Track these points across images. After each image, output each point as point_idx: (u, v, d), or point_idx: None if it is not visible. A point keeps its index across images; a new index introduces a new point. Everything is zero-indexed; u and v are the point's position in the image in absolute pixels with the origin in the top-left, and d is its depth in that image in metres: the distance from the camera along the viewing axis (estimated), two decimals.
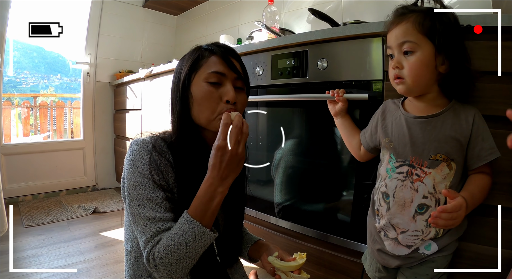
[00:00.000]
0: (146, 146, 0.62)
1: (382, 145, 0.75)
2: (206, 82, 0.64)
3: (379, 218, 0.74)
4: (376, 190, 0.76)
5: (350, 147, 0.88)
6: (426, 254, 0.68)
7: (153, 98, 1.93)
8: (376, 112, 0.79)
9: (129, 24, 2.70)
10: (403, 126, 0.70)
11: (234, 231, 0.75)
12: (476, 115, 0.65)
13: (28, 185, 2.28)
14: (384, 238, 0.73)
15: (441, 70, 0.65)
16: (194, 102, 0.64)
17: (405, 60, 0.65)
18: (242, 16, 2.25)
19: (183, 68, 0.67)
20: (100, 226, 1.82)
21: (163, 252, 0.54)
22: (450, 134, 0.64)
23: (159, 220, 0.58)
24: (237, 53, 0.70)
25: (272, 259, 0.70)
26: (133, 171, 0.61)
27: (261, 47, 1.17)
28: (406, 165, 0.68)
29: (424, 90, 0.67)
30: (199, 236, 0.55)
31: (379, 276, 0.78)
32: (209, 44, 0.68)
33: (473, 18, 0.69)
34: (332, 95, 0.89)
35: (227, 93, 0.63)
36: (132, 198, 0.60)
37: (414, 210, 0.67)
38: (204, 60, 0.65)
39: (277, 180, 1.17)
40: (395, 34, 0.66)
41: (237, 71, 0.66)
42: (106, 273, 1.28)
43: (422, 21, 0.63)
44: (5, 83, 2.33)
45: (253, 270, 1.06)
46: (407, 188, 0.68)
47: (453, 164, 0.65)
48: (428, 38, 0.63)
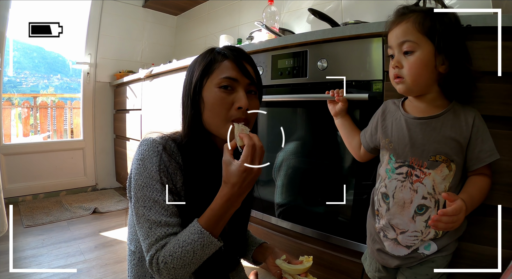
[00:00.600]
0: (156, 146, 0.61)
1: (381, 145, 0.75)
2: (218, 88, 0.62)
3: (379, 218, 0.74)
4: (376, 191, 0.76)
5: (350, 147, 0.88)
6: (426, 254, 0.68)
7: (153, 98, 1.93)
8: (376, 113, 0.79)
9: (129, 24, 2.70)
10: (403, 127, 0.70)
11: (238, 234, 0.75)
12: (476, 116, 0.65)
13: (28, 185, 2.28)
14: (383, 238, 0.73)
15: (441, 70, 0.65)
16: (205, 107, 0.63)
17: (405, 60, 0.65)
18: (242, 16, 2.25)
19: (195, 72, 0.65)
20: (100, 226, 1.82)
21: (169, 258, 0.55)
22: (450, 135, 0.64)
23: (165, 225, 0.58)
24: (251, 57, 0.68)
25: (280, 262, 0.71)
26: (141, 171, 0.60)
27: (261, 47, 1.17)
28: (406, 166, 0.68)
29: (424, 90, 0.67)
30: (207, 245, 0.56)
31: (378, 276, 0.78)
32: (222, 48, 0.66)
33: (473, 18, 0.69)
34: (332, 95, 0.89)
35: (240, 99, 0.62)
36: (138, 199, 0.60)
37: (414, 211, 0.67)
38: (216, 65, 0.64)
39: (278, 182, 1.17)
40: (395, 34, 0.66)
41: (250, 76, 0.64)
42: (106, 273, 1.28)
43: (422, 21, 0.63)
44: (5, 83, 2.33)
45: (254, 271, 1.06)
46: (406, 189, 0.68)
47: (452, 165, 0.65)
48: (428, 38, 0.63)
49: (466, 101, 0.68)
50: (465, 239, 0.71)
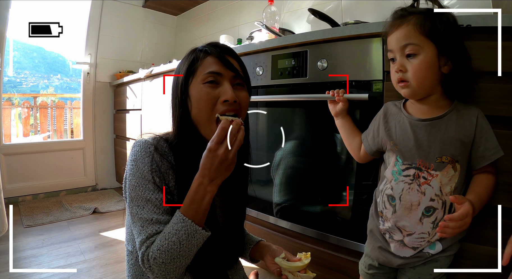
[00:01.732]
0: (148, 147, 0.62)
1: (387, 148, 0.74)
2: (203, 84, 0.63)
3: (383, 220, 0.74)
4: (381, 192, 0.75)
5: (350, 148, 0.87)
6: (431, 254, 0.68)
7: (153, 98, 1.93)
8: (377, 115, 0.79)
9: (129, 24, 2.70)
10: (407, 129, 0.69)
11: (234, 231, 0.75)
12: (479, 115, 0.65)
13: (28, 185, 2.28)
14: (389, 240, 0.73)
15: (444, 70, 0.64)
16: (192, 105, 0.64)
17: (409, 63, 0.65)
18: (242, 16, 2.25)
19: (180, 72, 0.66)
20: (100, 226, 1.82)
21: (157, 252, 0.55)
22: (455, 135, 0.64)
23: (156, 222, 0.59)
24: (234, 51, 0.69)
25: (279, 260, 0.71)
26: (134, 172, 0.61)
27: (261, 47, 1.17)
28: (413, 168, 0.68)
29: (429, 92, 0.67)
30: (192, 234, 0.56)
31: (372, 272, 0.78)
32: (204, 45, 0.67)
33: (473, 18, 0.69)
34: (332, 95, 0.89)
35: (225, 92, 0.62)
36: (132, 199, 0.61)
37: (421, 213, 0.67)
38: (199, 62, 0.64)
39: (276, 181, 1.17)
40: (396, 37, 0.66)
41: (234, 68, 0.65)
42: (106, 273, 1.28)
43: (423, 23, 0.63)
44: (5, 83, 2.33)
45: (254, 271, 1.06)
46: (414, 191, 0.67)
47: (457, 166, 0.65)
48: (430, 40, 0.63)
49: (468, 99, 0.68)
50: (466, 239, 0.70)
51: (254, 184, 1.26)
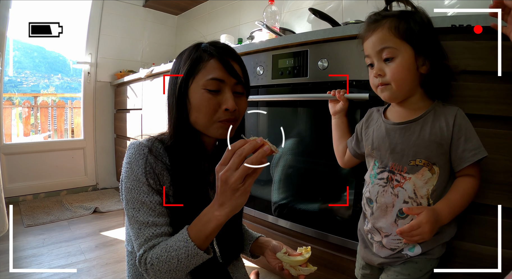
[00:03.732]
0: (142, 149, 0.62)
1: (366, 153, 0.76)
2: (204, 89, 0.62)
3: (367, 221, 0.75)
4: (363, 195, 0.77)
5: (336, 151, 0.88)
6: (409, 255, 0.68)
7: (154, 97, 1.93)
8: (361, 120, 0.80)
9: (130, 24, 2.70)
10: (383, 133, 0.70)
11: (233, 228, 0.75)
12: (458, 115, 0.63)
13: (28, 185, 2.28)
14: (371, 240, 0.74)
15: (422, 71, 0.64)
16: (192, 108, 0.63)
17: (387, 67, 0.64)
18: (242, 16, 2.25)
19: (180, 71, 0.65)
20: (100, 225, 1.83)
21: (155, 260, 0.55)
22: (430, 138, 0.64)
23: (153, 225, 0.59)
24: (237, 54, 0.68)
25: (281, 255, 0.72)
26: (129, 174, 0.61)
27: (261, 47, 1.17)
28: (387, 171, 0.69)
29: (408, 94, 0.67)
30: (192, 256, 0.55)
31: (362, 273, 0.79)
32: (208, 44, 0.65)
33: (473, 18, 0.69)
34: (333, 95, 0.89)
35: (226, 101, 0.62)
36: (128, 201, 0.61)
37: (396, 215, 0.67)
38: (202, 64, 0.63)
39: (275, 178, 1.18)
40: (372, 42, 0.66)
41: (237, 76, 0.64)
42: (107, 273, 1.29)
43: (398, 25, 0.62)
44: (5, 83, 2.34)
45: (255, 270, 1.06)
46: (388, 194, 0.68)
47: (435, 168, 0.64)
48: (406, 42, 0.63)
49: (448, 98, 0.68)
50: (465, 239, 0.71)
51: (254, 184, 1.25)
